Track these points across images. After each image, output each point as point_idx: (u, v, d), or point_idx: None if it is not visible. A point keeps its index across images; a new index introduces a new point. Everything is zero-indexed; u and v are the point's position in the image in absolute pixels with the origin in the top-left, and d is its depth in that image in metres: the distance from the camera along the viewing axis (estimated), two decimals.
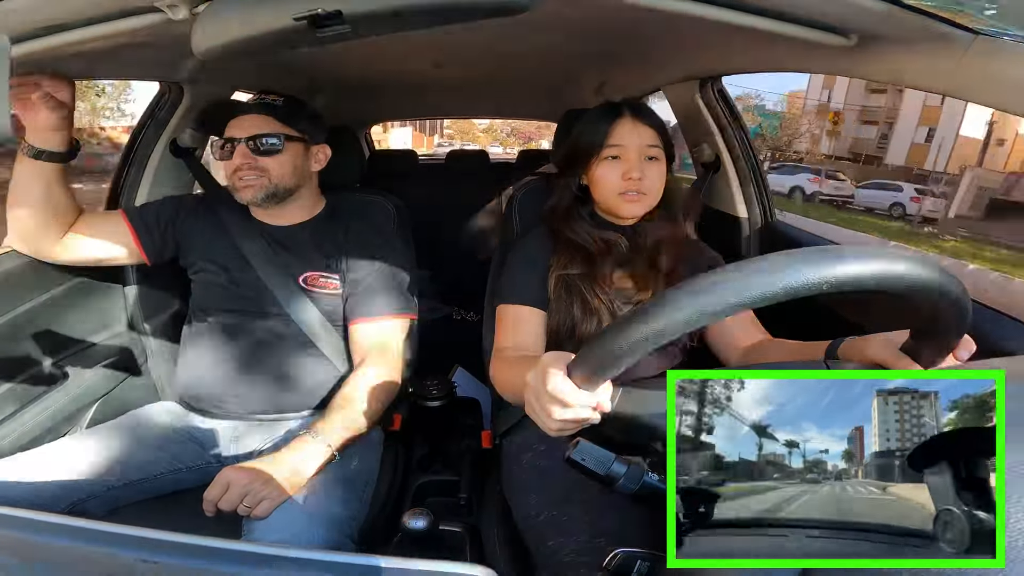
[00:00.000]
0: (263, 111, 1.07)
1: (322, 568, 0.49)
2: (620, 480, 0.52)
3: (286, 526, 0.83)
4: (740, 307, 0.39)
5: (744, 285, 0.39)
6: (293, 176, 1.10)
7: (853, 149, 25.73)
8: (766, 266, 0.39)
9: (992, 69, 0.63)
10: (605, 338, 0.45)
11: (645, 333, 0.42)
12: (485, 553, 0.93)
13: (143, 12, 0.72)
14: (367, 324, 1.11)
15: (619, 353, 0.44)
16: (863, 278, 0.39)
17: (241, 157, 1.05)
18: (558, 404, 0.51)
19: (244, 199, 1.08)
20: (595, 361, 0.47)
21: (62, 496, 0.88)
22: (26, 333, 1.08)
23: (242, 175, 1.06)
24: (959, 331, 0.50)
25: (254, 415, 1.09)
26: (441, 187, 2.73)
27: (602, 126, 0.99)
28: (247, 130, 1.06)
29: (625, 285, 1.01)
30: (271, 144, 1.07)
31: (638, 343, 0.42)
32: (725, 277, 0.40)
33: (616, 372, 0.46)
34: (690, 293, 0.40)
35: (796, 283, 0.38)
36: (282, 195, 1.10)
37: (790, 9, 0.74)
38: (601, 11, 0.94)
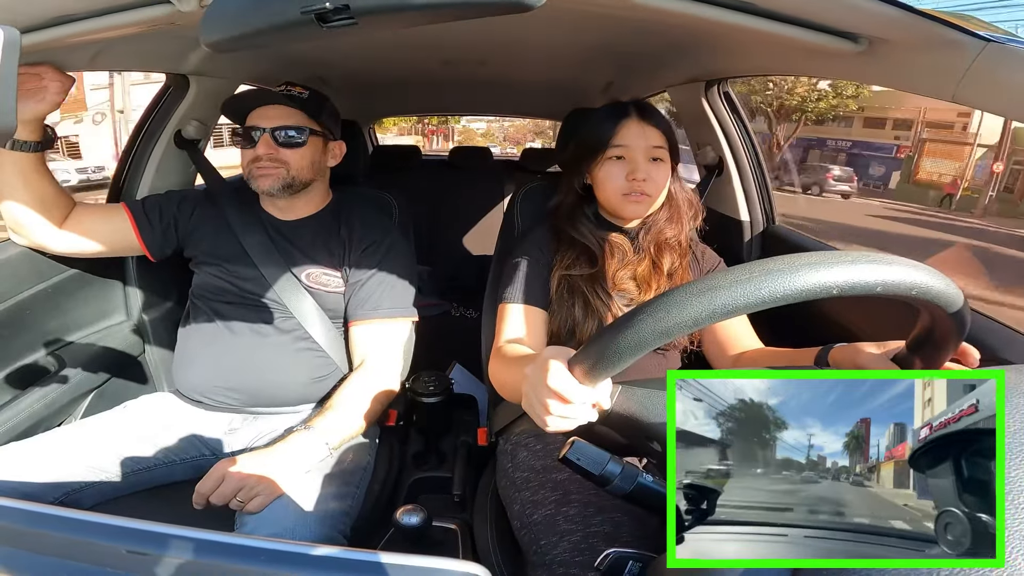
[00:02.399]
0: (289, 103, 1.07)
1: (315, 562, 0.49)
2: (615, 480, 0.52)
3: (279, 520, 0.82)
4: (749, 308, 0.39)
5: (754, 286, 0.39)
6: (311, 170, 1.11)
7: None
8: (776, 267, 0.39)
9: (1002, 76, 0.62)
10: (611, 333, 0.44)
11: (654, 329, 0.41)
12: (478, 550, 0.93)
13: (152, 4, 0.72)
14: (369, 325, 1.11)
15: (624, 349, 0.43)
16: (873, 284, 0.39)
17: (264, 147, 1.05)
18: (557, 399, 0.50)
19: (260, 188, 1.08)
20: (598, 356, 0.46)
21: (55, 486, 0.87)
22: (23, 322, 1.07)
23: (261, 164, 1.06)
24: (955, 343, 0.50)
25: (250, 408, 1.08)
26: (443, 183, 2.73)
27: (608, 125, 0.99)
28: (272, 120, 1.06)
29: (627, 286, 1.01)
30: (294, 136, 1.07)
31: (646, 339, 0.42)
32: (737, 277, 0.40)
33: (620, 368, 0.45)
34: (699, 291, 0.40)
35: (807, 286, 0.38)
36: (297, 188, 1.10)
37: (800, 14, 0.74)
38: (609, 11, 0.94)
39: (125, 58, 1.09)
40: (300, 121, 1.07)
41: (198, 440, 1.05)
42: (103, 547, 0.49)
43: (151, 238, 1.13)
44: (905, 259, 0.41)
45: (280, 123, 1.06)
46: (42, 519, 0.52)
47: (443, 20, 0.62)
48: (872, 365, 0.64)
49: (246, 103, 1.10)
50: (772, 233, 1.39)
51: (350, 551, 0.50)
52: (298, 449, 0.90)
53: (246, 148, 1.07)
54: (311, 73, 1.65)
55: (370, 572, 0.47)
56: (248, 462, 0.85)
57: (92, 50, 0.96)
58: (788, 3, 0.71)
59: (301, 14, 0.55)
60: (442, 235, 2.67)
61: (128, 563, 0.48)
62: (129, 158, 1.32)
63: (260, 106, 1.08)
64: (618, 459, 0.53)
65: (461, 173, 2.86)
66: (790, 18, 0.75)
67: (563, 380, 0.49)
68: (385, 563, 0.47)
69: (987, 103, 0.66)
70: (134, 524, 0.50)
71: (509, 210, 1.28)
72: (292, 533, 0.81)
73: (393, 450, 1.18)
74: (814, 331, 1.01)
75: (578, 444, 0.53)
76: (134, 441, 0.98)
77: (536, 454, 0.92)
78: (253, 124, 1.07)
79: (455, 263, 2.65)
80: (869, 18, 0.68)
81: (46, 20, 0.75)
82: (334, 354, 1.11)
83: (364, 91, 2.06)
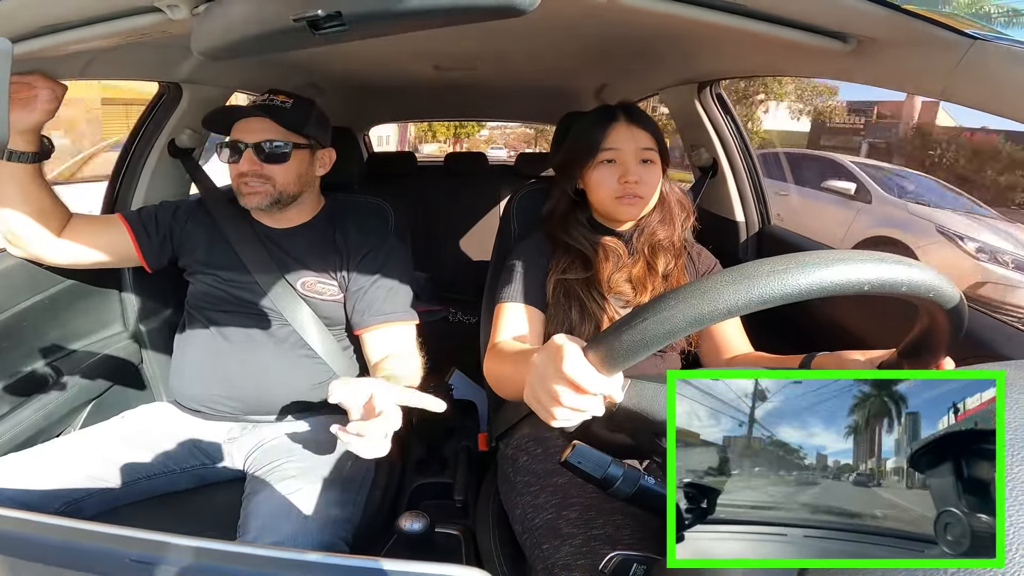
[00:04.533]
0: (270, 115, 1.04)
1: (317, 570, 0.49)
2: (617, 483, 0.52)
3: (281, 528, 0.82)
4: (784, 299, 0.39)
5: (792, 277, 0.39)
6: (298, 183, 1.09)
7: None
8: (811, 261, 0.39)
9: (989, 73, 0.63)
10: (638, 319, 0.42)
11: (689, 316, 0.40)
12: (481, 556, 0.93)
13: (143, 12, 0.72)
14: (380, 330, 1.09)
15: (652, 336, 0.41)
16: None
17: (248, 163, 1.03)
18: (570, 387, 0.47)
19: (248, 205, 1.07)
20: (622, 343, 0.43)
21: (55, 496, 0.87)
22: (20, 334, 1.07)
23: (247, 181, 1.04)
24: (947, 346, 0.51)
25: (249, 417, 1.08)
26: (439, 189, 2.73)
27: (597, 130, 0.99)
28: (254, 135, 1.04)
29: (623, 289, 1.01)
30: (278, 151, 1.05)
31: (679, 326, 0.40)
32: (778, 266, 0.39)
33: (643, 357, 0.43)
34: (736, 280, 0.39)
35: (861, 278, 0.38)
36: (286, 201, 1.09)
37: (789, 14, 0.74)
38: (600, 14, 0.95)
39: (117, 66, 1.08)
40: (283, 135, 1.05)
41: (198, 449, 1.05)
42: (106, 556, 0.49)
43: (148, 249, 1.12)
44: (912, 260, 0.42)
45: (262, 137, 1.04)
46: (43, 528, 0.51)
47: (435, 25, 0.63)
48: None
49: (229, 116, 1.09)
50: (767, 233, 1.40)
51: (353, 558, 0.50)
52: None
53: (231, 162, 1.06)
54: (304, 80, 1.65)
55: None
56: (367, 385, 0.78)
57: (84, 59, 0.96)
58: (777, 4, 0.72)
59: (293, 21, 0.55)
60: (439, 241, 2.66)
61: (131, 572, 0.47)
62: (123, 168, 1.32)
63: (242, 118, 1.07)
64: (619, 462, 0.53)
65: (456, 178, 2.87)
66: (780, 19, 0.75)
67: (579, 366, 0.46)
68: (388, 570, 0.47)
69: (976, 100, 0.66)
70: (136, 533, 0.50)
71: (505, 214, 1.28)
72: (294, 540, 0.81)
73: (394, 456, 1.17)
74: (815, 332, 1.02)
75: (579, 447, 0.53)
76: (134, 450, 0.98)
77: (537, 458, 0.91)
78: (236, 138, 1.05)
79: (452, 269, 2.65)
80: (858, 17, 0.69)
81: (37, 29, 0.74)
82: (332, 361, 1.11)
83: (357, 97, 2.06)
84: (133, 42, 0.83)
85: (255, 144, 1.03)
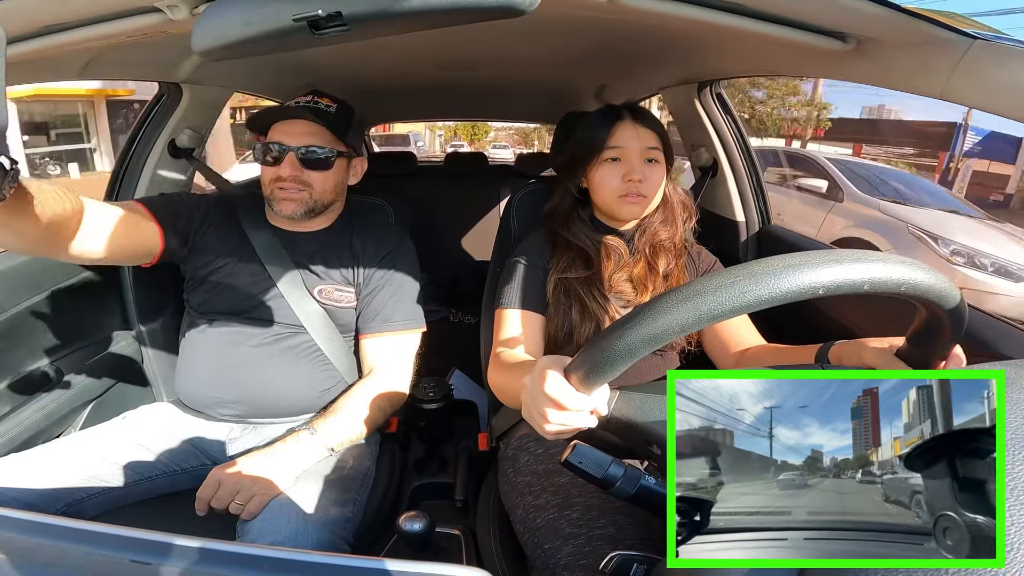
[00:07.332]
0: (316, 118, 0.99)
1: (317, 570, 0.49)
2: (617, 483, 0.52)
3: (281, 528, 0.82)
4: (735, 312, 0.39)
5: (739, 290, 0.39)
6: (334, 192, 1.07)
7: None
8: (760, 270, 0.39)
9: (989, 73, 0.63)
10: (603, 340, 0.44)
11: (644, 335, 0.41)
12: (482, 556, 0.93)
13: (143, 12, 0.72)
14: (380, 338, 1.09)
15: (617, 355, 0.43)
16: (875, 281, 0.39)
17: (289, 168, 0.99)
18: (554, 407, 0.50)
19: (283, 212, 1.03)
20: (592, 363, 0.46)
21: (56, 497, 0.87)
22: (20, 333, 1.07)
23: (285, 186, 1.00)
24: (955, 335, 0.51)
25: (252, 418, 1.08)
26: (439, 188, 2.73)
27: (602, 128, 0.99)
28: (298, 138, 1.00)
29: (623, 289, 1.01)
30: (322, 157, 1.01)
31: (637, 345, 0.42)
32: (722, 281, 0.40)
33: (614, 375, 0.45)
34: (686, 297, 0.40)
35: (791, 288, 0.38)
36: (319, 211, 1.07)
37: (789, 14, 0.74)
38: (600, 14, 0.95)
39: (117, 67, 1.09)
40: (327, 141, 1.01)
41: (199, 449, 1.05)
42: (106, 557, 0.48)
43: (173, 237, 1.04)
44: (896, 256, 0.42)
45: (307, 141, 1.00)
46: (44, 529, 0.51)
47: (436, 26, 0.63)
48: (878, 361, 0.64)
49: (276, 117, 1.04)
50: (768, 233, 1.40)
51: (353, 558, 0.50)
52: (296, 449, 0.89)
53: (267, 164, 1.01)
54: (304, 81, 1.65)
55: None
56: (245, 464, 0.84)
57: (84, 59, 0.96)
58: (777, 3, 0.72)
59: (293, 21, 0.55)
60: (439, 241, 2.66)
61: (131, 572, 0.47)
62: (123, 168, 1.32)
63: (284, 119, 1.02)
64: (620, 462, 0.53)
65: (457, 179, 2.87)
66: (779, 18, 0.75)
67: (560, 388, 0.49)
68: (389, 570, 0.47)
69: (975, 100, 0.66)
70: (137, 533, 0.50)
71: (505, 214, 1.28)
72: (294, 540, 0.81)
73: (394, 456, 1.18)
74: (814, 328, 1.01)
75: (580, 447, 0.53)
76: (135, 451, 0.98)
77: (538, 458, 0.91)
78: (276, 140, 1.00)
79: (453, 268, 2.65)
80: (857, 17, 0.69)
81: (37, 29, 0.74)
82: (341, 365, 1.10)
83: (358, 97, 2.05)
84: (133, 42, 0.83)
85: (300, 148, 0.99)
